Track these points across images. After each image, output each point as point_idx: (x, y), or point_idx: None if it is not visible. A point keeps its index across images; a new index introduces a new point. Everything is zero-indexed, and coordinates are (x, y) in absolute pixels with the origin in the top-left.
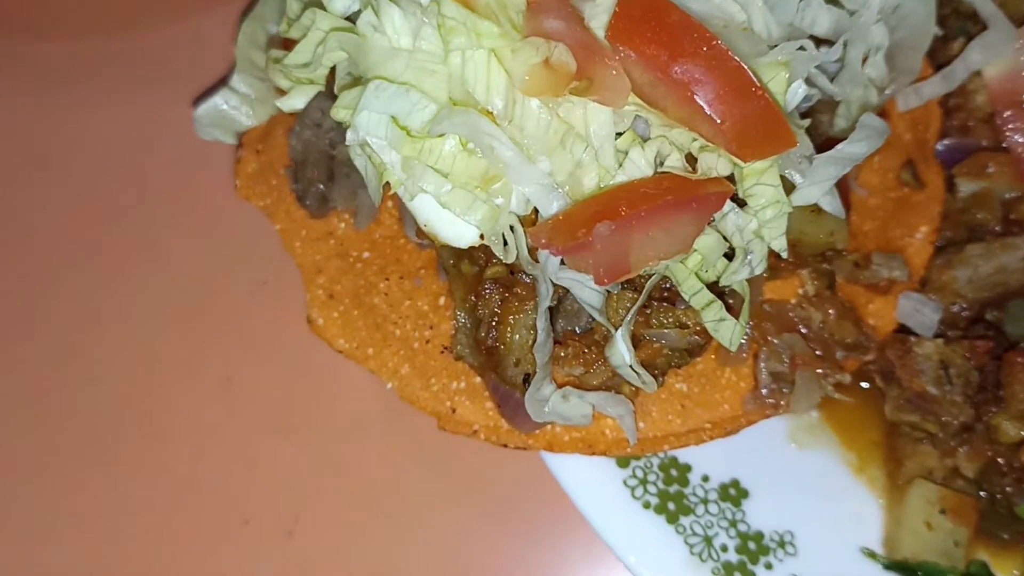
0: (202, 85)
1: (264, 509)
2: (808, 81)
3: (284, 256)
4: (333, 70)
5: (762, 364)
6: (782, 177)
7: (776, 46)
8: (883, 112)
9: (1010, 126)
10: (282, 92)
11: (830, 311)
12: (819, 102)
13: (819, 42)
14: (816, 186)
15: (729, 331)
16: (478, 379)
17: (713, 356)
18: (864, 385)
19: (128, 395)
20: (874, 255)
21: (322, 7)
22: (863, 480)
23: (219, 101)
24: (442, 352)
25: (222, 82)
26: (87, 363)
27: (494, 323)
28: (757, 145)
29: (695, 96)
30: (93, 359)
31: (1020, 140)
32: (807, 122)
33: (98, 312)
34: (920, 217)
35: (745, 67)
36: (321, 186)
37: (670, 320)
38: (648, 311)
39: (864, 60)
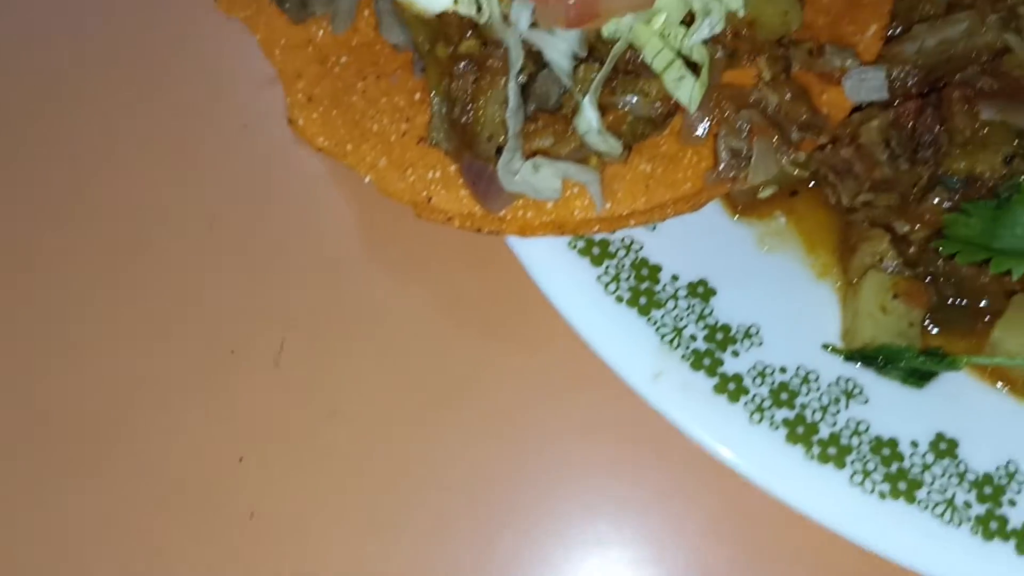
0: None
1: (250, 339)
2: None
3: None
4: None
5: (721, 141)
6: None
7: None
8: None
9: None
10: None
11: (786, 93)
12: None
13: None
14: None
15: (688, 88)
16: (453, 168)
17: (676, 136)
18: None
19: (112, 231)
20: (827, 46)
21: None
22: (826, 281)
23: None
24: (418, 143)
25: None
26: (77, 200)
27: (468, 101)
28: None
29: None
30: (82, 198)
31: None
32: None
33: (81, 144)
34: (871, 15)
35: None
36: None
37: (635, 89)
38: (614, 83)
39: None
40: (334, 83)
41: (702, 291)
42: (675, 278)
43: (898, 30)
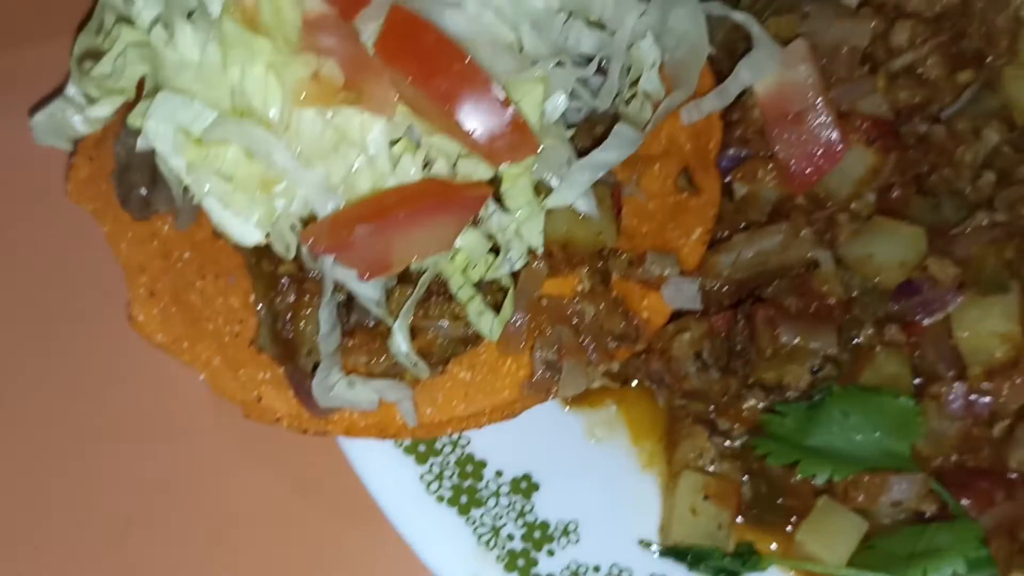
0: (40, 96)
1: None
2: (573, 94)
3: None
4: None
5: (537, 354)
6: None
7: (538, 62)
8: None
9: (777, 137)
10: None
11: (601, 305)
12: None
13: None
14: (571, 190)
15: (488, 323)
16: (282, 370)
17: (497, 346)
18: (633, 384)
19: None
20: (649, 254)
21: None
22: (651, 472)
23: (55, 109)
24: (249, 345)
25: (59, 92)
26: None
27: (289, 316)
28: (504, 152)
29: (451, 109)
30: None
31: (784, 150)
32: (571, 131)
33: None
34: (696, 219)
35: (492, 82)
36: (143, 190)
37: (446, 312)
38: (427, 305)
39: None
40: (175, 280)
41: (525, 486)
42: (499, 474)
43: (725, 233)
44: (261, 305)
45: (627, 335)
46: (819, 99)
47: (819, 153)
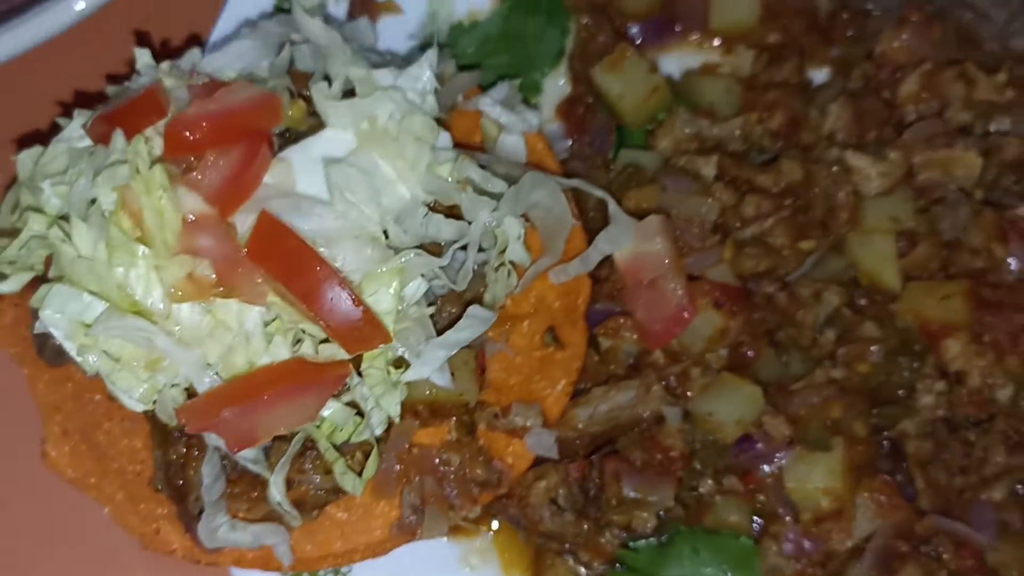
0: None
1: None
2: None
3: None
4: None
5: (405, 498)
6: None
7: (402, 250)
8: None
9: (634, 300)
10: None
11: (466, 454)
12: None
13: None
14: (426, 366)
15: (351, 482)
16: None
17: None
18: (495, 524)
19: None
20: (514, 405)
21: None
22: None
23: None
24: (148, 484)
25: None
26: None
27: (180, 465)
28: (358, 343)
29: (311, 305)
30: None
31: (640, 311)
32: (431, 309)
33: None
34: (561, 372)
35: (345, 283)
36: (56, 341)
37: (319, 467)
38: (302, 460)
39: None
40: (85, 420)
41: None
42: None
43: (587, 385)
44: (156, 453)
45: (489, 481)
46: (670, 268)
47: (670, 316)
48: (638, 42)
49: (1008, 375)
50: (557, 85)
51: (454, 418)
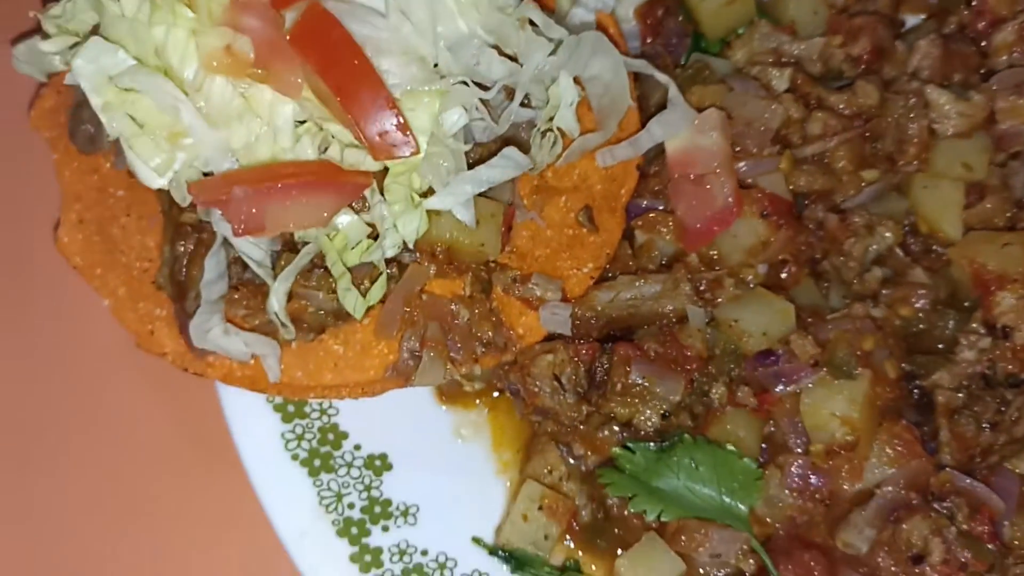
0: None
1: None
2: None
3: None
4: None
5: (404, 343)
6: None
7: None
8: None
9: (677, 193)
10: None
11: (477, 310)
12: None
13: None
14: (451, 196)
15: (352, 301)
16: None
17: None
18: (495, 395)
19: None
20: (535, 275)
21: None
22: (503, 478)
23: (34, 42)
24: (152, 283)
25: (39, 29)
26: None
27: (186, 261)
28: (386, 149)
29: (344, 101)
30: None
31: (682, 206)
32: (467, 146)
33: None
34: (589, 255)
35: (383, 85)
36: (91, 127)
37: (323, 285)
38: (309, 275)
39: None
40: (104, 212)
41: (379, 464)
42: (357, 447)
43: (616, 274)
44: (165, 247)
45: (495, 343)
46: (722, 166)
47: (713, 215)
48: None
49: None
50: None
51: (471, 273)
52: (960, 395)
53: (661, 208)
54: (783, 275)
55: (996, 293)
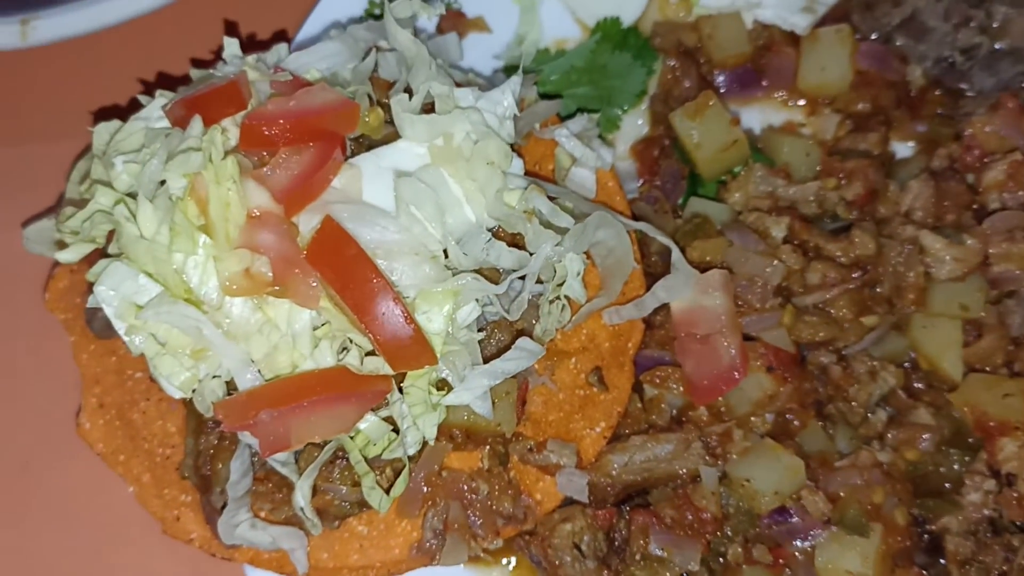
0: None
1: None
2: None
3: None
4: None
5: (427, 522)
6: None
7: (459, 272)
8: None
9: (685, 352)
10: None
11: (495, 485)
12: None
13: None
14: (468, 392)
15: (378, 499)
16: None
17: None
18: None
19: None
20: (550, 442)
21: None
22: None
23: (48, 224)
24: (176, 469)
25: (51, 210)
26: None
27: (209, 456)
28: (404, 360)
29: (362, 316)
30: None
31: (690, 364)
32: (481, 335)
33: None
34: (601, 414)
35: (398, 298)
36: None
37: (347, 478)
38: (332, 468)
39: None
40: (123, 396)
41: None
42: None
43: (627, 430)
44: (189, 439)
45: (515, 516)
46: (726, 325)
47: (720, 374)
48: (722, 91)
49: None
50: (636, 124)
51: (488, 446)
52: (968, 543)
53: (668, 361)
54: (790, 422)
55: (999, 439)
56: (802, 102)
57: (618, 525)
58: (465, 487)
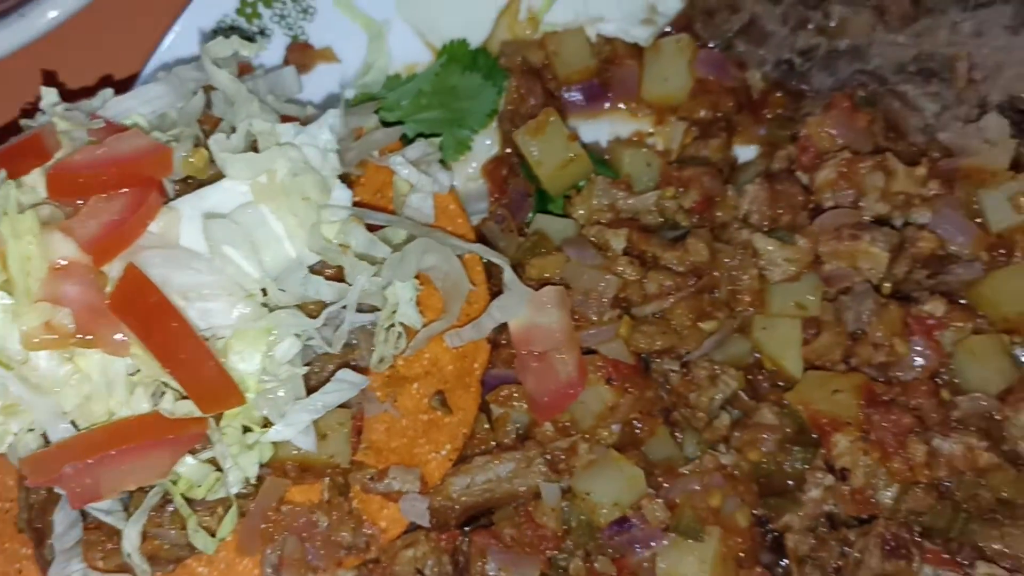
0: None
1: None
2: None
3: None
4: None
5: (266, 558)
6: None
7: (275, 309)
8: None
9: (524, 370)
10: None
11: (335, 515)
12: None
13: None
14: (290, 428)
15: (203, 541)
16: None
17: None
18: None
19: None
20: (392, 469)
21: None
22: None
23: None
24: (14, 523)
25: None
26: None
27: (40, 508)
28: (213, 402)
29: (167, 362)
30: None
31: (530, 382)
32: (306, 369)
33: None
34: (447, 437)
35: (201, 343)
36: None
37: (177, 521)
38: (162, 511)
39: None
40: None
41: None
42: None
43: (475, 452)
44: (21, 493)
45: (356, 545)
46: (562, 341)
47: (558, 389)
48: (572, 107)
49: (891, 477)
50: (485, 144)
51: (328, 478)
52: (807, 539)
53: (515, 379)
54: (637, 430)
55: (833, 435)
56: (649, 112)
57: (461, 547)
58: (305, 520)
